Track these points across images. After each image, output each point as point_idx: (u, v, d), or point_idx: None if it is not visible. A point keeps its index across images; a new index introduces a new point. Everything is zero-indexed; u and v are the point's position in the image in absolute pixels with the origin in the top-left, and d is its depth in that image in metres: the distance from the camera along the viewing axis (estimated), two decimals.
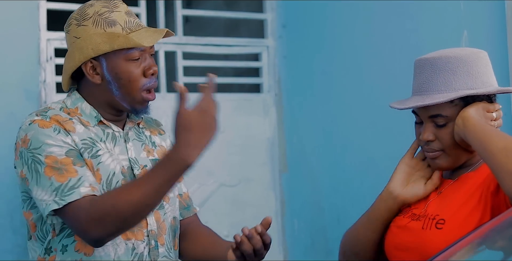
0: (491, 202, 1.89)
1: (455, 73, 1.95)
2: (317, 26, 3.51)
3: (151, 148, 2.25)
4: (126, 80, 2.12)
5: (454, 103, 1.95)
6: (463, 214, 1.91)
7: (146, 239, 2.13)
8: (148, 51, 2.14)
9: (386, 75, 3.12)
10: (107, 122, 2.17)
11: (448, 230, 1.90)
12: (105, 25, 2.09)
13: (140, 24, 2.14)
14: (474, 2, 2.77)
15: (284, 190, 3.67)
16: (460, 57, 1.96)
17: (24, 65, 3.04)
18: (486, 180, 1.92)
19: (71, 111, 2.14)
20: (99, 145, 2.11)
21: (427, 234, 1.93)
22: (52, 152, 2.02)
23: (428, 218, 1.96)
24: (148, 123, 2.32)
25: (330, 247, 3.43)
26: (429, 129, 1.98)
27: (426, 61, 1.99)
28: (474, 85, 1.95)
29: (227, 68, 4.03)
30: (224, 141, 3.55)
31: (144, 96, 2.15)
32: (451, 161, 1.99)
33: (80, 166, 2.03)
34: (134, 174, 2.15)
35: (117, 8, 2.13)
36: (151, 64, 2.14)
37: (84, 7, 2.14)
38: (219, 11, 4.07)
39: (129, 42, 2.08)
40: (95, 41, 2.09)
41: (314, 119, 3.52)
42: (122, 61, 2.11)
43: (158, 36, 2.10)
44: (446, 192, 2.00)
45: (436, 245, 1.88)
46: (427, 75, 1.98)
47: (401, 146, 3.04)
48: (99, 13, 2.11)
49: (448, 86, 1.95)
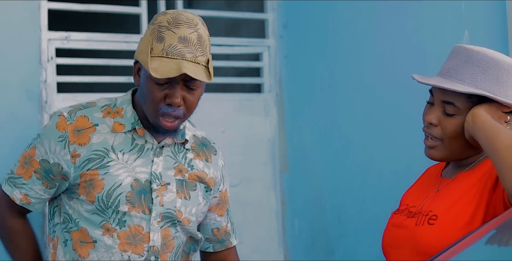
0: (487, 199, 1.90)
1: (485, 73, 1.95)
2: (318, 26, 3.51)
3: (185, 168, 2.23)
4: (147, 98, 2.09)
5: (471, 99, 1.95)
6: (456, 210, 1.92)
7: (146, 253, 2.14)
8: (181, 81, 2.06)
9: (387, 75, 3.12)
10: (142, 132, 2.16)
11: (440, 226, 1.91)
12: (155, 38, 2.05)
13: (182, 54, 2.03)
14: (475, 2, 2.77)
15: (285, 189, 3.68)
16: (497, 61, 1.96)
17: (25, 65, 3.04)
18: (483, 177, 1.93)
19: (117, 110, 2.17)
20: (113, 156, 2.13)
21: (419, 230, 1.94)
22: (38, 148, 2.16)
23: (422, 214, 1.97)
24: (200, 147, 2.29)
25: (331, 247, 3.43)
26: (436, 113, 1.98)
27: (464, 50, 1.99)
28: (497, 92, 1.94)
29: (228, 68, 4.03)
30: (225, 140, 3.55)
31: (161, 120, 2.09)
32: (445, 154, 2.00)
33: (38, 177, 2.16)
34: (152, 188, 2.15)
35: (177, 29, 2.04)
36: (174, 94, 2.05)
37: (161, 13, 2.12)
38: (220, 11, 4.07)
39: (146, 64, 2.03)
40: (142, 47, 2.08)
41: (315, 119, 3.53)
42: (149, 79, 2.08)
43: (174, 73, 2.01)
44: (442, 190, 2.01)
45: (428, 241, 1.89)
46: (458, 63, 1.98)
47: (401, 145, 3.05)
48: (160, 24, 2.06)
49: (473, 81, 1.94)
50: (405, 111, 3.01)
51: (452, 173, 2.04)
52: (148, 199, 2.14)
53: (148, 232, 2.13)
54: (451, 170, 2.06)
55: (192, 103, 2.11)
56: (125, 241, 2.12)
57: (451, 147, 1.98)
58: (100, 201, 2.10)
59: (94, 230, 2.12)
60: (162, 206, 2.15)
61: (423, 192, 2.08)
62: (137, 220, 2.13)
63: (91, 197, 2.10)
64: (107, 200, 2.10)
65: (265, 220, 3.64)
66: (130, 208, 2.12)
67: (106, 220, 2.11)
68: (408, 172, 2.97)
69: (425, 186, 2.10)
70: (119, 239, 2.11)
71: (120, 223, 2.11)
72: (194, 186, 2.24)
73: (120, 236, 2.12)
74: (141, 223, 2.13)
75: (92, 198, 2.10)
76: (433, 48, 2.90)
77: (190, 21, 2.06)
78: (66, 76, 3.20)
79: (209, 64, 2.09)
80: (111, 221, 2.11)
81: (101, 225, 2.11)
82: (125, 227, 2.12)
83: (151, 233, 2.13)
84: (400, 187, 3.00)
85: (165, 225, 2.16)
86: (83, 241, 2.13)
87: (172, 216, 2.17)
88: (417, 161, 2.41)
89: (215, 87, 4.13)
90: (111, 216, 2.11)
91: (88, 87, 3.49)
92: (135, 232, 2.12)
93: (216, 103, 3.57)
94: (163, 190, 2.16)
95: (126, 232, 2.12)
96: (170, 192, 2.18)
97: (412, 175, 2.91)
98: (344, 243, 3.36)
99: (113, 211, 2.11)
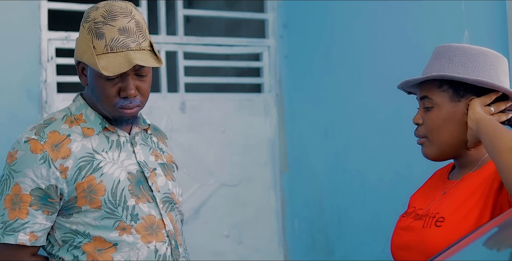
0: (494, 200, 1.90)
1: (451, 61, 1.99)
2: (318, 26, 3.51)
3: (159, 152, 2.27)
4: (101, 95, 2.09)
5: (442, 88, 1.98)
6: (462, 212, 1.92)
7: (167, 239, 2.15)
8: (132, 71, 2.06)
9: (387, 75, 3.12)
10: (112, 128, 2.16)
11: (447, 228, 1.91)
12: (94, 35, 2.04)
13: (126, 45, 2.02)
14: (475, 2, 2.77)
15: (284, 190, 3.68)
16: (462, 48, 2.00)
17: (25, 65, 3.04)
18: (489, 178, 1.93)
19: (76, 118, 2.15)
20: (99, 157, 2.12)
21: (427, 232, 1.94)
22: (22, 182, 2.07)
23: (429, 216, 1.97)
24: (155, 131, 2.33)
25: (330, 247, 3.43)
26: (419, 113, 2.03)
27: (436, 48, 2.05)
28: (463, 73, 1.97)
29: (228, 68, 4.03)
30: (225, 140, 3.55)
31: (120, 112, 2.10)
32: (436, 150, 2.01)
33: (35, 208, 2.08)
34: (146, 176, 2.16)
35: (114, 21, 2.03)
36: (128, 86, 2.06)
37: (91, 8, 2.10)
38: (220, 11, 4.08)
39: (94, 64, 2.02)
40: (82, 47, 2.07)
41: (315, 119, 3.53)
42: (97, 77, 2.07)
43: (125, 67, 2.00)
44: (449, 192, 2.01)
45: (436, 242, 1.89)
46: (430, 61, 2.04)
47: (401, 145, 3.05)
48: (95, 21, 2.05)
49: (440, 72, 1.98)
50: (405, 112, 3.00)
51: (458, 174, 2.04)
52: (147, 188, 2.16)
53: (161, 219, 2.15)
54: (457, 172, 2.06)
55: (146, 90, 2.11)
56: (145, 233, 2.12)
57: (437, 141, 2.00)
58: (108, 203, 2.09)
59: (109, 234, 2.10)
60: (159, 192, 2.18)
61: (430, 194, 2.08)
62: (147, 209, 2.14)
63: (96, 202, 2.09)
64: (114, 199, 2.10)
65: (265, 220, 3.64)
66: (136, 200, 2.13)
67: (119, 219, 2.10)
68: (408, 172, 2.98)
69: (432, 189, 2.10)
70: (139, 233, 2.11)
71: (133, 217, 2.11)
72: (172, 167, 2.29)
73: (139, 230, 2.12)
74: (151, 212, 2.14)
75: (97, 204, 2.09)
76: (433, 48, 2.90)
77: (124, 10, 2.06)
78: (66, 76, 3.20)
79: (153, 47, 2.09)
80: (124, 218, 2.10)
81: (115, 227, 2.10)
82: (140, 219, 2.12)
83: (163, 218, 2.16)
84: (400, 187, 3.01)
85: (168, 209, 2.19)
86: (100, 249, 2.10)
87: (169, 199, 2.21)
88: (417, 161, 2.41)
89: (215, 87, 4.13)
90: (122, 214, 2.10)
91: None
92: (150, 222, 2.13)
93: (216, 103, 3.57)
94: (154, 176, 2.19)
95: (142, 224, 2.12)
96: (160, 176, 2.21)
97: (412, 175, 2.92)
98: (344, 243, 3.36)
99: (123, 208, 2.10)
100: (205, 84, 4.01)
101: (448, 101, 1.98)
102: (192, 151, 3.47)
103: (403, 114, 3.04)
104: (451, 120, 1.98)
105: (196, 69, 3.77)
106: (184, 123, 3.46)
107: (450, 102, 1.98)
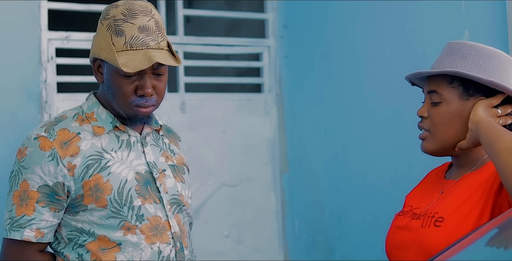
0: (494, 200, 1.90)
1: (465, 59, 1.98)
2: (318, 26, 3.51)
3: (169, 154, 2.26)
4: (117, 93, 2.10)
5: (452, 85, 1.98)
6: (462, 212, 1.91)
7: (172, 241, 2.15)
8: (150, 70, 2.07)
9: (387, 75, 3.12)
10: (123, 128, 2.16)
11: (447, 228, 1.90)
12: (114, 32, 2.05)
13: (146, 43, 2.04)
14: (475, 2, 2.77)
15: (284, 190, 3.68)
16: (476, 47, 1.99)
17: (25, 65, 3.04)
18: (490, 178, 1.93)
19: (87, 116, 2.15)
20: (108, 156, 2.12)
21: (426, 232, 1.93)
22: (30, 179, 2.07)
23: (427, 216, 1.97)
24: (167, 133, 2.33)
25: (331, 247, 3.43)
26: (425, 106, 2.02)
27: (448, 44, 2.04)
28: (477, 73, 1.97)
29: (228, 68, 4.03)
30: (225, 140, 3.55)
31: (136, 110, 2.11)
32: (436, 145, 2.00)
33: (42, 205, 2.08)
34: (154, 177, 2.16)
35: (134, 19, 2.05)
36: (145, 85, 2.07)
37: (110, 6, 2.11)
38: (220, 11, 4.08)
39: (113, 61, 2.03)
40: (100, 44, 2.08)
41: (315, 119, 3.53)
42: (115, 74, 2.08)
43: (145, 64, 2.01)
44: (447, 191, 2.01)
45: (435, 243, 1.89)
46: (441, 56, 2.03)
47: (401, 145, 3.05)
48: (115, 18, 2.06)
49: (453, 68, 1.97)
50: (405, 112, 3.00)
51: (457, 174, 2.04)
52: (154, 189, 2.16)
53: (167, 220, 2.15)
54: (455, 171, 2.05)
55: (161, 90, 2.12)
56: (149, 233, 2.12)
57: (440, 136, 1.99)
58: (114, 202, 2.09)
59: (114, 234, 2.10)
60: (167, 193, 2.18)
61: (427, 194, 2.07)
62: (153, 210, 2.13)
63: (102, 201, 2.09)
64: (120, 199, 2.10)
65: (265, 220, 3.64)
66: (143, 200, 2.12)
67: (124, 219, 2.10)
68: (408, 172, 2.98)
69: (428, 188, 2.09)
70: (143, 233, 2.11)
71: (139, 218, 2.11)
72: (182, 170, 2.29)
73: (144, 230, 2.11)
74: (157, 213, 2.14)
75: (103, 203, 2.09)
76: (433, 48, 2.90)
77: (145, 9, 2.08)
78: (66, 76, 3.20)
79: (171, 47, 2.10)
80: (129, 218, 2.10)
81: (120, 226, 2.10)
82: (145, 220, 2.12)
83: (169, 220, 2.15)
84: (400, 187, 3.00)
85: (175, 211, 2.18)
86: (104, 248, 2.10)
87: (178, 201, 2.20)
88: (417, 161, 2.42)
89: (215, 87, 4.13)
90: (127, 214, 2.10)
91: (88, 87, 3.48)
92: (155, 223, 2.13)
93: (216, 103, 3.57)
94: (162, 177, 2.19)
95: (147, 225, 2.12)
96: (169, 178, 2.20)
97: (412, 175, 2.92)
98: (344, 243, 3.36)
99: (129, 208, 2.10)
100: (205, 84, 4.01)
101: (457, 98, 1.98)
102: (192, 151, 3.47)
103: (403, 115, 3.04)
104: (457, 118, 1.98)
105: (196, 69, 3.77)
106: (184, 123, 3.46)
107: (459, 100, 1.98)
